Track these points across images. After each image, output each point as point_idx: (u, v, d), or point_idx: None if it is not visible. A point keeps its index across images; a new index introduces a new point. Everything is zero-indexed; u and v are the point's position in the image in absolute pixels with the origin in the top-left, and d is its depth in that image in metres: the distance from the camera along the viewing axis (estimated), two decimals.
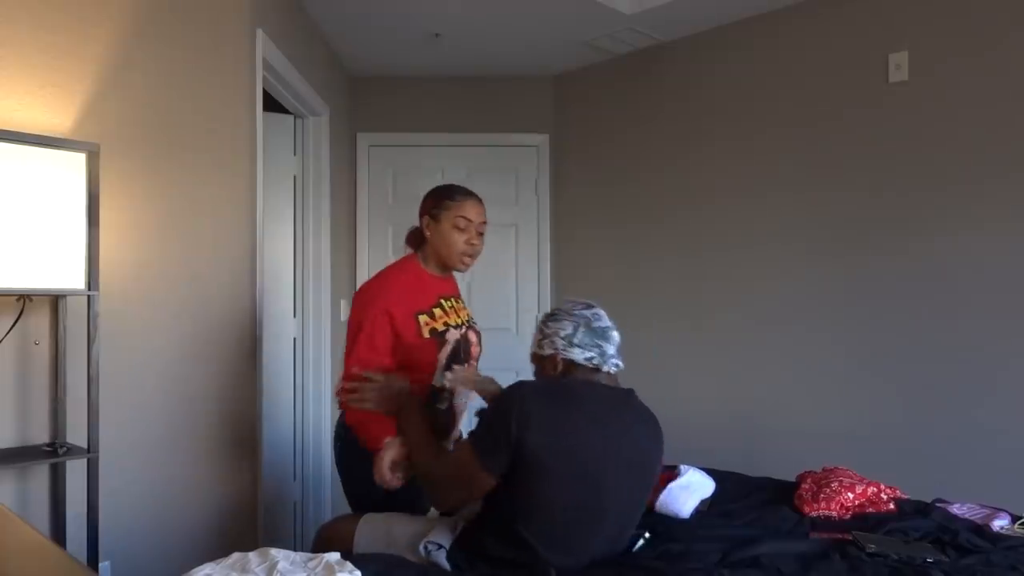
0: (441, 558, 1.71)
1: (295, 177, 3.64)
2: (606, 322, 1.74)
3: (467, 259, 2.15)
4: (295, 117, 3.61)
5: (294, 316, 3.63)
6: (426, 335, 2.05)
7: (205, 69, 2.45)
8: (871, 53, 3.08)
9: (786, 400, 3.32)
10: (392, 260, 4.44)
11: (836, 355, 3.16)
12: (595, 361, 1.69)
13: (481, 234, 2.16)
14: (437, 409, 2.11)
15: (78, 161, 1.88)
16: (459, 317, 2.18)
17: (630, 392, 1.76)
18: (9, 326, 1.86)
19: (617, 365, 1.72)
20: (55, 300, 1.97)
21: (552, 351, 1.72)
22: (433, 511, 2.00)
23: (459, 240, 2.11)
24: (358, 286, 4.25)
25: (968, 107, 2.82)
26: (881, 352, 3.03)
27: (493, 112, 4.35)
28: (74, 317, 1.99)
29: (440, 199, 2.16)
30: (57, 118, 1.98)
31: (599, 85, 4.12)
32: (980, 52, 2.80)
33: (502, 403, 1.61)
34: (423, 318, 2.07)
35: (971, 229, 2.81)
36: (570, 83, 4.26)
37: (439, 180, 4.32)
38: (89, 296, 1.92)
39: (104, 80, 2.10)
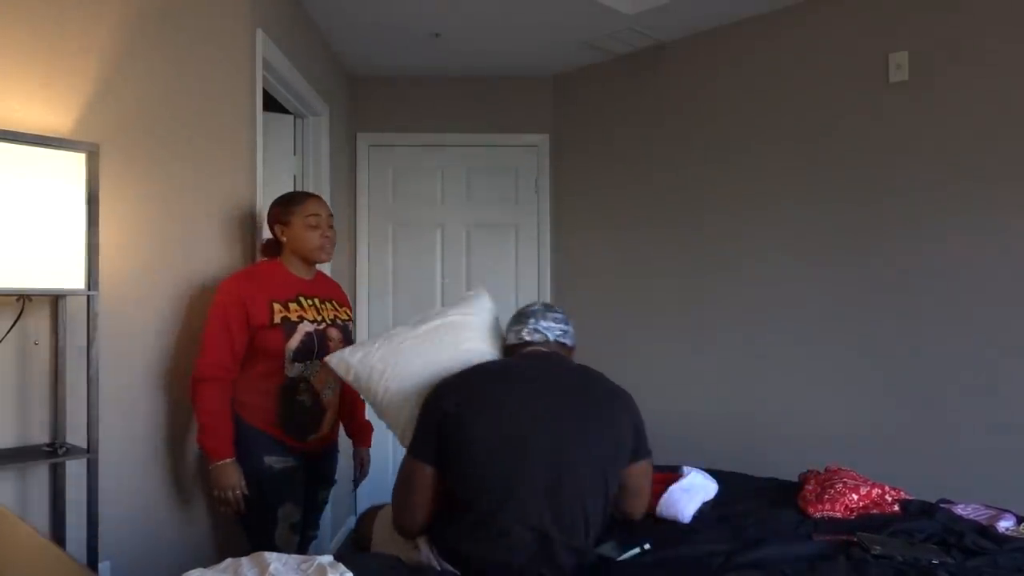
0: (422, 542, 1.75)
1: (295, 177, 3.63)
2: (533, 308, 2.04)
3: (325, 250, 2.35)
4: (295, 117, 3.60)
5: None
6: (276, 321, 2.21)
7: (205, 69, 2.44)
8: (871, 53, 3.08)
9: (788, 401, 3.31)
10: (392, 260, 4.45)
11: (838, 355, 3.16)
12: (521, 335, 1.98)
13: (332, 227, 2.38)
14: (299, 402, 2.25)
15: (78, 161, 1.87)
16: (320, 315, 2.33)
17: (556, 356, 1.94)
18: (9, 326, 1.85)
19: (537, 331, 1.97)
20: (55, 300, 1.96)
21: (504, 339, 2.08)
22: None
23: (313, 236, 2.32)
24: (358, 286, 4.27)
25: (968, 107, 2.82)
26: (883, 352, 3.02)
27: (493, 112, 4.34)
28: (74, 317, 1.98)
29: (286, 205, 2.35)
30: (57, 118, 1.97)
31: (599, 85, 4.12)
32: (980, 52, 2.79)
33: (423, 402, 1.81)
34: (277, 306, 2.24)
35: (973, 229, 2.81)
36: (570, 83, 4.26)
37: (439, 180, 4.34)
38: (89, 296, 1.92)
39: (104, 80, 2.09)
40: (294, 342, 2.22)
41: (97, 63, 2.07)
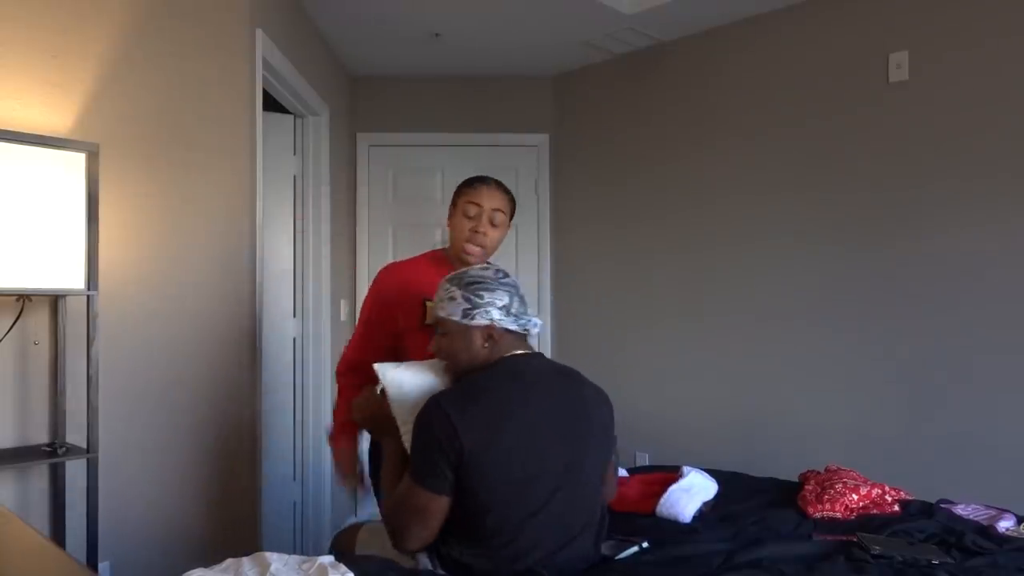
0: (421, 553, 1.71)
1: (295, 177, 3.63)
2: (510, 282, 1.71)
3: (471, 248, 2.01)
4: (295, 117, 3.60)
5: (294, 316, 3.62)
6: (429, 322, 1.98)
7: (205, 69, 2.44)
8: (871, 53, 3.08)
9: (788, 400, 3.31)
10: (392, 260, 4.44)
11: (838, 355, 3.16)
12: (525, 327, 1.70)
13: (495, 225, 2.02)
14: None
15: (78, 161, 1.87)
16: None
17: (539, 355, 1.74)
18: (9, 326, 1.85)
19: (536, 324, 1.73)
20: (55, 300, 1.96)
21: (487, 321, 1.65)
22: None
23: (464, 227, 2.00)
24: (358, 286, 4.26)
25: (968, 107, 2.82)
26: (884, 351, 3.02)
27: (493, 112, 4.34)
28: (74, 317, 1.98)
29: (461, 188, 2.08)
30: (57, 118, 1.97)
31: (599, 85, 4.12)
32: (980, 52, 2.79)
33: (424, 424, 1.58)
34: (431, 305, 2.02)
35: (972, 228, 2.81)
36: (570, 83, 4.26)
37: (439, 180, 4.34)
38: (89, 296, 1.92)
39: (104, 80, 2.09)
40: None
41: (97, 63, 2.07)
